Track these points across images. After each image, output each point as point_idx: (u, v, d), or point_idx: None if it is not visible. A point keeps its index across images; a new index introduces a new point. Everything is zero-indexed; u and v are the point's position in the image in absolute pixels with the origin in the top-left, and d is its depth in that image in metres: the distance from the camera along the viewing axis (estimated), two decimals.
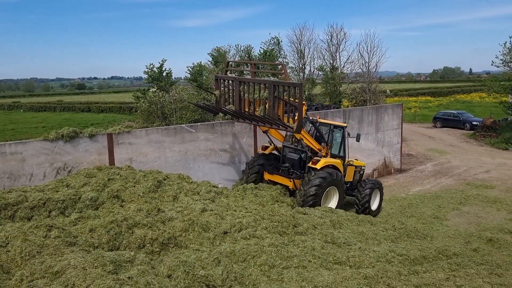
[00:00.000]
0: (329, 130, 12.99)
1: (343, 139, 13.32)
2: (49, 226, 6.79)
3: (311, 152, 12.38)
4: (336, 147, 13.40)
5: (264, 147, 13.60)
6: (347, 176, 13.29)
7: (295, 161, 12.79)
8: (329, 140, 12.85)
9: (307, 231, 8.90)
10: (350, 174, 13.57)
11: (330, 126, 13.17)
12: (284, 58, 31.88)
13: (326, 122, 13.53)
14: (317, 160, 11.99)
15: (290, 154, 13.07)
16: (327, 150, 12.73)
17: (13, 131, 38.86)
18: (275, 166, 13.02)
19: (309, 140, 12.28)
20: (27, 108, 68.28)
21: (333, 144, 13.21)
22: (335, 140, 13.34)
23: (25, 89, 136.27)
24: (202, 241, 7.65)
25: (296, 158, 12.76)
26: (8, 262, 6.02)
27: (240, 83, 12.02)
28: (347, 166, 13.36)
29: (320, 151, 12.49)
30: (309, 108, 24.03)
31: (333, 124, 13.40)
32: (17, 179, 9.86)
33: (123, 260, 5.86)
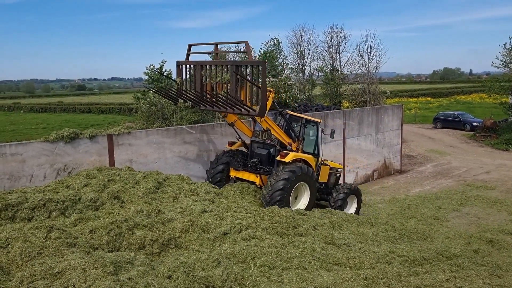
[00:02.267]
0: (301, 125, 12.22)
1: (317, 136, 12.74)
2: (49, 227, 6.78)
3: (281, 146, 11.64)
4: (309, 143, 12.72)
5: (231, 142, 12.80)
6: (321, 176, 12.61)
7: (263, 156, 11.95)
8: (300, 135, 12.09)
9: (307, 232, 8.90)
10: (325, 174, 12.82)
11: (302, 120, 12.36)
12: (284, 59, 31.88)
13: (298, 115, 12.69)
14: (286, 153, 11.19)
15: (259, 150, 12.20)
16: (298, 145, 11.98)
17: (13, 132, 38.89)
18: (241, 162, 12.21)
19: (277, 132, 11.47)
20: (28, 109, 68.31)
21: (305, 139, 12.44)
22: (307, 135, 12.62)
23: (26, 90, 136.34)
24: (202, 242, 7.65)
25: (265, 153, 11.94)
26: (9, 263, 6.02)
27: (202, 67, 11.10)
28: (321, 166, 12.70)
29: (290, 145, 11.74)
30: (309, 109, 24.06)
31: (306, 118, 12.61)
32: (18, 180, 9.87)
33: (123, 261, 5.86)
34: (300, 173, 10.89)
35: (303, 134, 12.14)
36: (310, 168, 11.47)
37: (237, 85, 10.25)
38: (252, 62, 10.30)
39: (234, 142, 12.75)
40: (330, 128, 13.92)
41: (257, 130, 12.05)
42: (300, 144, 12.03)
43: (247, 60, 10.32)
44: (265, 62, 9.93)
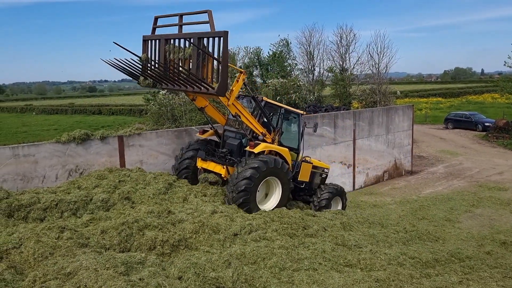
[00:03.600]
0: (280, 115, 11.10)
1: (298, 129, 11.60)
2: (61, 227, 6.85)
3: (252, 136, 10.47)
4: (288, 136, 11.56)
5: (202, 131, 11.71)
6: (301, 174, 11.52)
7: (234, 146, 10.86)
8: (278, 126, 10.95)
9: (317, 233, 8.87)
10: (306, 172, 11.68)
11: (281, 109, 11.18)
12: (293, 59, 31.88)
13: (276, 104, 11.48)
14: (256, 143, 10.08)
15: (231, 139, 11.11)
16: (274, 137, 10.78)
17: (25, 133, 39.38)
18: (210, 152, 11.07)
19: (248, 119, 10.28)
20: (39, 111, 69.13)
21: (284, 131, 11.31)
22: (287, 128, 11.59)
23: (37, 92, 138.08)
24: (212, 243, 7.66)
25: (236, 143, 10.85)
26: (21, 263, 6.09)
27: (166, 42, 10.06)
28: (302, 163, 11.56)
29: (264, 136, 10.50)
30: (319, 110, 23.98)
31: (286, 108, 11.43)
32: (30, 181, 9.98)
33: (134, 261, 5.89)
34: (265, 168, 9.70)
35: (281, 125, 11.05)
36: (283, 162, 10.25)
37: (199, 60, 9.22)
38: (213, 34, 9.12)
39: (205, 130, 11.76)
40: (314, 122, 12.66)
41: (231, 118, 11.09)
42: (277, 136, 10.85)
43: (207, 32, 9.26)
44: (227, 32, 8.72)
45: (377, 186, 18.80)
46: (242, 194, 9.44)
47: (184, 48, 9.62)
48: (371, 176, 19.21)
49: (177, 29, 10.00)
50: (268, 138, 10.60)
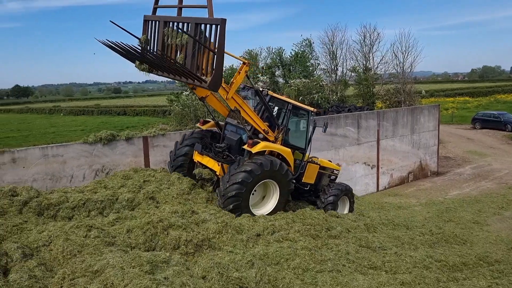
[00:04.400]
0: (286, 111, 10.22)
1: (307, 128, 10.76)
2: (89, 226, 7.01)
3: (253, 133, 9.68)
4: (296, 135, 10.73)
5: (203, 121, 11.15)
6: (306, 176, 10.87)
7: (233, 141, 10.02)
8: (283, 123, 10.12)
9: (341, 234, 8.79)
10: (312, 174, 11.02)
11: (288, 105, 10.24)
12: (316, 59, 31.69)
13: (283, 99, 10.57)
14: (255, 142, 9.24)
15: (231, 133, 10.32)
16: (278, 135, 10.00)
17: (54, 134, 40.45)
18: (207, 145, 10.31)
19: (249, 115, 9.47)
20: (67, 112, 70.92)
21: (291, 129, 10.45)
22: (294, 125, 10.76)
23: (65, 94, 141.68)
24: (236, 243, 7.69)
25: (235, 139, 10.01)
26: (51, 260, 6.26)
27: (165, 24, 9.19)
28: (307, 163, 10.85)
29: (267, 133, 9.76)
30: (342, 110, 23.76)
31: (294, 104, 10.41)
32: (59, 180, 10.26)
33: (159, 260, 5.97)
34: (266, 168, 9.05)
35: (287, 122, 10.18)
36: (282, 164, 9.46)
37: (195, 48, 8.46)
38: (208, 20, 8.28)
39: (206, 121, 11.13)
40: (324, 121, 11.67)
41: None
42: (281, 134, 10.04)
43: (204, 18, 8.38)
44: (224, 20, 7.90)
45: (401, 187, 18.49)
46: (232, 200, 8.83)
47: (181, 33, 8.77)
48: (396, 177, 18.90)
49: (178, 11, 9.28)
50: (271, 136, 9.90)
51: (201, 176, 9.96)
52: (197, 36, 8.38)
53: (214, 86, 8.26)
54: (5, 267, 5.74)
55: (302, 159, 10.75)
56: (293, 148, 10.38)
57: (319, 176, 11.32)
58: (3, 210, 7.76)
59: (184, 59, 8.56)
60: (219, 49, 8.03)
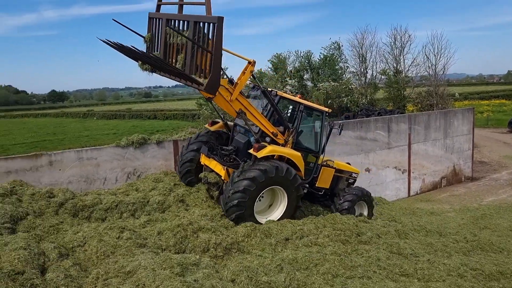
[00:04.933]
0: (298, 112, 9.66)
1: (321, 129, 10.15)
2: (121, 227, 7.20)
3: (262, 136, 9.17)
4: (308, 137, 10.18)
5: (212, 122, 10.72)
6: (321, 180, 10.35)
7: (241, 144, 9.58)
8: (295, 124, 9.56)
9: (371, 240, 8.64)
10: (326, 178, 10.49)
11: (299, 106, 9.68)
12: (345, 62, 31.43)
13: (294, 99, 9.93)
14: (261, 145, 8.72)
15: (239, 135, 9.88)
16: (288, 137, 9.44)
17: (87, 137, 41.68)
18: (214, 147, 9.90)
19: (256, 117, 8.93)
20: (100, 116, 72.97)
21: (303, 131, 9.88)
22: (306, 127, 10.18)
23: (98, 98, 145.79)
24: (264, 247, 7.70)
25: (243, 141, 9.56)
26: (85, 260, 6.47)
27: (167, 22, 8.77)
28: (322, 167, 10.33)
29: (275, 136, 9.24)
30: (371, 113, 23.42)
31: (306, 104, 9.85)
32: (93, 183, 10.56)
33: (189, 263, 6.06)
34: (271, 174, 8.55)
35: (297, 124, 9.62)
36: (290, 169, 8.90)
37: (193, 48, 7.97)
38: (204, 18, 7.77)
39: (215, 122, 10.66)
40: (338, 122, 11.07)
41: None
42: (291, 137, 9.48)
43: (201, 16, 7.90)
44: (222, 19, 7.38)
45: (434, 192, 18.01)
46: (235, 209, 8.41)
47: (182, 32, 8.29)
48: (428, 182, 18.43)
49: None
50: (280, 138, 9.37)
51: (206, 180, 9.63)
52: (196, 35, 7.87)
53: (210, 89, 7.68)
54: (42, 266, 5.96)
55: (316, 162, 10.17)
56: (305, 151, 9.85)
57: (336, 180, 10.84)
58: (40, 211, 8.07)
59: (184, 59, 8.15)
60: (216, 49, 7.45)
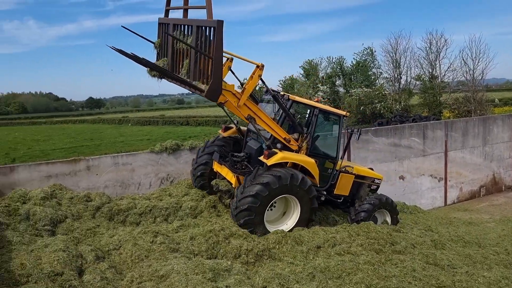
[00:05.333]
0: (312, 116, 9.23)
1: (339, 134, 9.70)
2: (155, 232, 7.34)
3: (273, 142, 8.77)
4: (324, 142, 9.79)
5: (225, 127, 10.47)
6: (339, 187, 9.89)
7: (253, 150, 9.29)
8: (310, 129, 9.14)
9: (406, 250, 8.41)
10: (345, 185, 10.01)
11: (314, 110, 9.24)
12: (378, 68, 30.99)
13: (308, 103, 9.52)
14: (272, 152, 8.42)
15: (252, 141, 9.59)
16: (301, 143, 9.07)
17: (122, 143, 42.76)
18: (226, 154, 9.65)
19: (266, 122, 8.55)
20: (134, 122, 74.76)
21: (319, 136, 9.43)
22: (322, 131, 9.74)
23: (133, 105, 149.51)
24: (296, 255, 7.64)
25: (256, 147, 9.25)
26: (121, 263, 6.62)
27: (174, 27, 8.62)
28: (340, 173, 9.85)
29: (288, 142, 8.88)
30: (406, 120, 22.91)
31: (321, 108, 9.39)
32: (127, 188, 10.82)
33: (221, 268, 6.09)
34: (287, 181, 8.25)
35: (312, 129, 9.17)
36: (305, 180, 8.54)
37: (197, 53, 7.80)
38: (204, 22, 7.55)
39: (228, 127, 10.40)
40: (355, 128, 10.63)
41: None
42: (306, 142, 9.10)
43: (201, 19, 7.68)
44: (221, 23, 7.11)
45: (472, 202, 17.36)
46: (244, 214, 8.11)
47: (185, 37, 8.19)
48: (466, 191, 17.80)
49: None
50: (293, 144, 8.99)
51: (218, 188, 9.47)
52: (199, 40, 7.68)
53: (211, 95, 7.43)
54: (80, 268, 6.15)
55: (334, 168, 9.73)
56: (321, 157, 9.50)
57: (357, 186, 10.37)
58: (78, 214, 8.35)
59: (189, 65, 8.06)
60: (216, 54, 7.22)
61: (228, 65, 8.26)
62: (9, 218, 7.67)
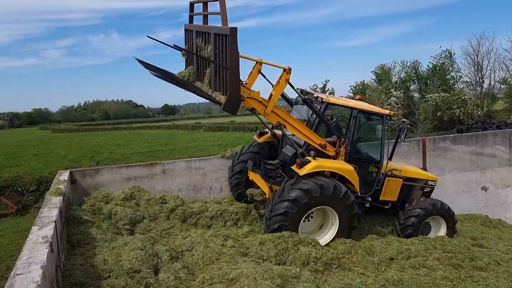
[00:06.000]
0: (352, 118, 8.54)
1: (382, 135, 8.93)
2: (225, 236, 7.52)
3: (307, 149, 8.27)
4: (367, 145, 9.32)
5: (260, 133, 10.02)
6: (385, 192, 9.26)
7: (288, 157, 8.79)
8: (348, 133, 8.51)
9: (488, 267, 7.80)
10: (393, 189, 9.35)
11: (352, 111, 8.59)
12: (457, 71, 29.19)
13: (344, 104, 8.82)
14: (304, 161, 7.86)
15: (287, 148, 9.07)
16: (339, 148, 8.42)
17: (195, 148, 44.32)
18: (260, 161, 9.25)
19: (298, 129, 8.02)
20: (206, 128, 77.34)
21: (360, 139, 9.00)
22: (364, 134, 9.26)
23: (205, 111, 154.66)
24: (367, 265, 7.41)
25: (290, 154, 8.73)
26: (193, 264, 6.87)
27: (197, 34, 8.23)
28: (386, 178, 9.22)
29: (324, 148, 8.29)
30: (489, 126, 21.31)
31: (360, 109, 8.67)
32: (199, 191, 11.20)
33: (290, 275, 6.07)
34: (317, 193, 7.69)
35: (351, 132, 8.47)
36: (339, 187, 7.91)
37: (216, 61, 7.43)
38: (217, 29, 7.20)
39: (263, 133, 9.95)
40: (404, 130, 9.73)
41: None
42: (342, 148, 8.42)
43: (215, 27, 7.32)
44: (235, 30, 6.68)
45: None
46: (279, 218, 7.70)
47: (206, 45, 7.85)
48: None
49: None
50: (330, 150, 8.41)
51: (252, 198, 9.17)
52: (217, 49, 7.31)
53: (229, 108, 7.02)
54: (155, 266, 6.47)
55: (378, 172, 9.02)
56: (364, 162, 8.92)
57: (407, 190, 9.68)
58: (155, 215, 8.81)
59: (211, 73, 7.74)
60: (232, 64, 6.80)
61: (257, 68, 7.91)
62: (93, 216, 8.30)
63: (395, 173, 9.33)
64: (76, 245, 6.90)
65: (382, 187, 9.23)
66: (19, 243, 10.42)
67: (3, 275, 8.72)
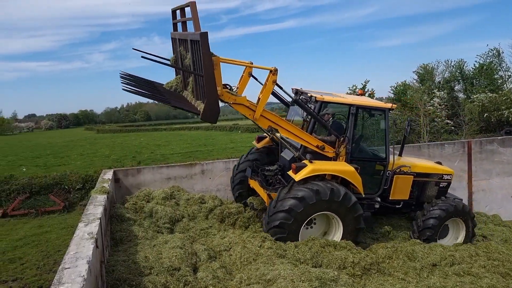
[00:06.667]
0: (349, 115, 8.04)
1: (386, 131, 8.38)
2: (263, 237, 7.53)
3: (305, 151, 7.90)
4: (370, 143, 8.89)
5: (258, 138, 9.73)
6: (395, 191, 8.70)
7: (286, 162, 8.47)
8: (348, 132, 7.98)
9: None
10: (403, 187, 8.77)
11: (350, 108, 8.05)
12: (507, 70, 27.84)
13: (340, 101, 8.28)
14: (300, 166, 7.47)
15: (286, 152, 8.73)
16: (338, 149, 7.96)
17: (232, 149, 44.73)
18: (258, 168, 8.99)
19: (292, 131, 7.68)
20: (244, 130, 77.89)
21: (361, 137, 8.56)
22: (366, 130, 8.80)
23: None
24: (408, 271, 7.21)
25: (289, 158, 8.38)
26: (230, 264, 6.93)
27: (179, 42, 7.91)
28: (394, 175, 8.66)
29: (322, 149, 7.88)
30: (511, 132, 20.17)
31: (359, 105, 8.20)
32: None
33: (327, 278, 6.00)
34: (326, 197, 7.31)
35: (351, 130, 8.00)
36: (349, 196, 7.54)
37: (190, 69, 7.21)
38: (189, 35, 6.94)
39: (262, 138, 9.65)
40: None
41: None
42: (342, 148, 7.94)
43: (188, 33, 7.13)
44: (205, 34, 6.36)
45: None
46: (276, 231, 7.46)
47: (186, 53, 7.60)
48: None
49: None
50: (329, 151, 7.99)
51: (252, 206, 8.98)
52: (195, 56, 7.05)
53: (208, 118, 6.74)
54: (194, 265, 6.58)
55: (385, 171, 8.47)
56: (368, 161, 8.52)
57: (421, 186, 9.09)
58: (193, 215, 8.97)
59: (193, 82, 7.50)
60: (205, 70, 6.52)
61: (248, 71, 7.51)
62: (135, 214, 8.57)
63: (404, 169, 8.77)
64: (119, 242, 7.15)
65: (391, 185, 8.71)
66: (66, 238, 10.92)
67: (50, 269, 9.15)
